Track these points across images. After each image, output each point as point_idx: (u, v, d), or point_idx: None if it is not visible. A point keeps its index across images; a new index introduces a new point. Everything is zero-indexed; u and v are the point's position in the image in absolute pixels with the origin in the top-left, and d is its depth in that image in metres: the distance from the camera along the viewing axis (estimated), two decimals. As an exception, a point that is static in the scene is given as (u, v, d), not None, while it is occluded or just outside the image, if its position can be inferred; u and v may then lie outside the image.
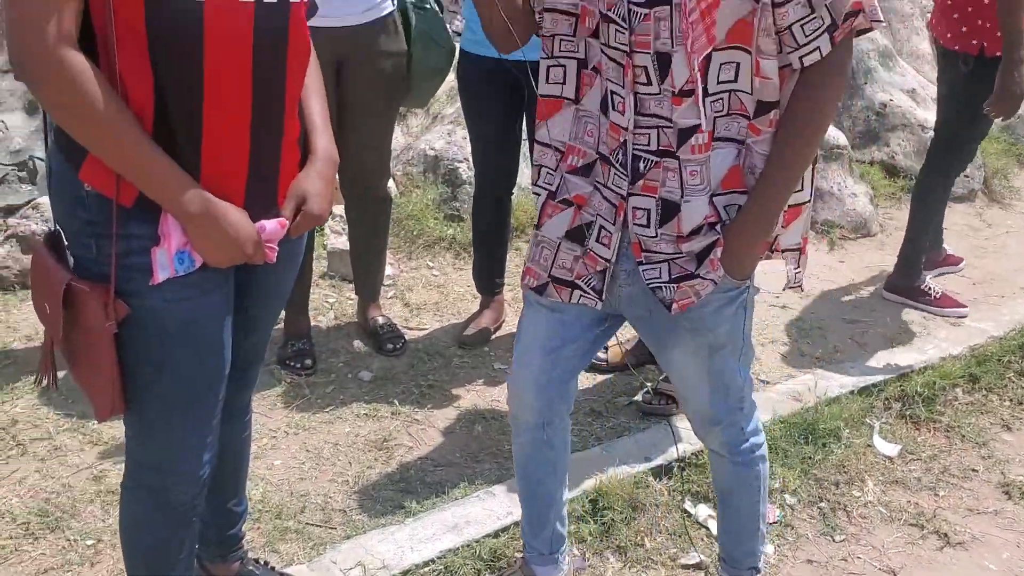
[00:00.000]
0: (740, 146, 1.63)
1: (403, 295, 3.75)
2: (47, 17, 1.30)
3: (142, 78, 1.41)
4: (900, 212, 4.78)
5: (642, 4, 1.56)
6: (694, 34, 1.50)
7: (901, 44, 5.76)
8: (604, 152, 1.71)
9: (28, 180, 4.30)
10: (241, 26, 1.44)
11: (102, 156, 1.40)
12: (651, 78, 1.59)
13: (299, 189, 1.65)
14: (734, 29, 1.54)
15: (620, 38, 1.60)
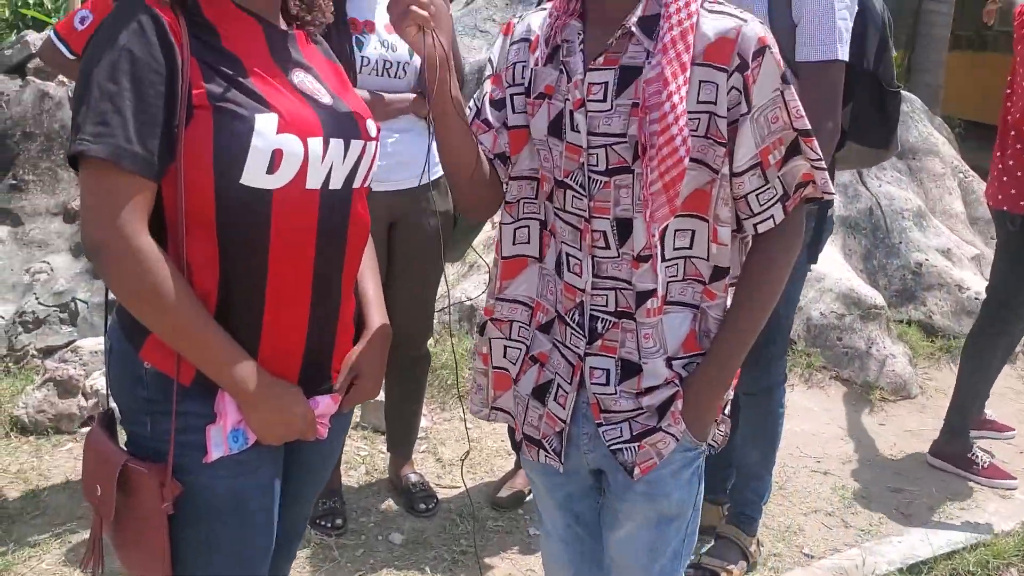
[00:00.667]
0: (695, 311, 1.65)
1: (436, 449, 3.70)
2: (121, 206, 1.35)
3: (208, 264, 1.45)
4: (940, 373, 4.72)
5: (602, 172, 1.58)
6: (655, 204, 1.52)
7: (934, 203, 5.81)
8: (560, 311, 1.70)
9: (69, 322, 4.36)
10: (307, 214, 1.50)
11: (165, 338, 1.43)
12: (610, 242, 1.61)
13: (353, 363, 1.67)
14: (691, 197, 1.57)
15: (578, 204, 1.62)
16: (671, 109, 1.48)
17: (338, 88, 1.62)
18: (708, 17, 1.54)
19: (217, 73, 1.42)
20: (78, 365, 3.89)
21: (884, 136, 2.74)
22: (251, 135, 1.39)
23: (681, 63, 1.49)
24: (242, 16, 1.51)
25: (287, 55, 1.55)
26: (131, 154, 1.35)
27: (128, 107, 1.35)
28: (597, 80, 1.57)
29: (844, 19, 2.48)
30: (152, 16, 1.39)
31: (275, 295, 1.49)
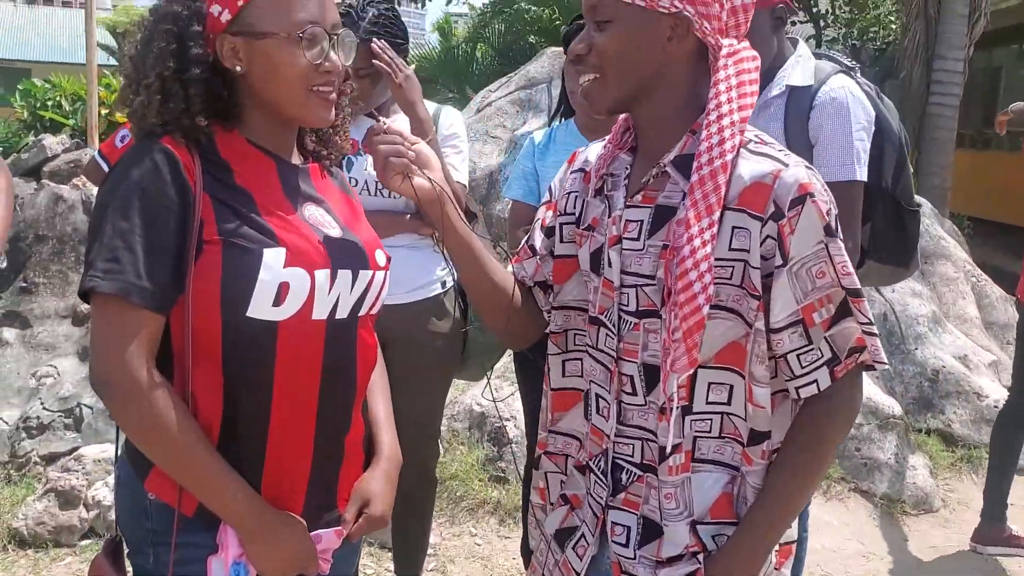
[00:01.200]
0: (734, 472, 1.50)
1: (445, 567, 3.58)
2: (128, 341, 1.38)
3: (213, 394, 1.45)
4: (962, 485, 4.60)
5: (633, 313, 1.51)
6: (675, 353, 1.41)
7: (947, 307, 5.77)
8: (584, 459, 1.62)
9: (73, 427, 4.29)
10: (312, 343, 1.50)
11: (169, 471, 1.44)
12: (636, 388, 1.52)
13: (363, 491, 1.65)
14: (726, 350, 1.46)
15: (609, 343, 1.55)
16: (690, 253, 1.38)
17: (349, 219, 1.63)
18: (748, 159, 1.44)
19: (229, 209, 1.45)
20: (80, 475, 3.80)
21: (904, 255, 2.71)
22: (258, 269, 1.42)
23: (708, 205, 1.39)
24: (256, 154, 1.54)
25: (299, 190, 1.57)
26: (140, 289, 1.38)
27: (139, 243, 1.38)
28: (634, 217, 1.51)
29: (861, 140, 2.48)
30: (167, 155, 1.43)
31: (279, 425, 1.49)
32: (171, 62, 1.44)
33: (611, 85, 1.50)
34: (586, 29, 1.53)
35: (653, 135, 1.52)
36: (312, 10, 1.48)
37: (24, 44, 30.97)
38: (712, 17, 1.44)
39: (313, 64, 1.48)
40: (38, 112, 7.61)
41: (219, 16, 1.46)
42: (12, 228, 5.09)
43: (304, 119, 1.54)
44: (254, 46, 1.46)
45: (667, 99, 1.50)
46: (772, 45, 2.56)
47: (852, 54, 13.94)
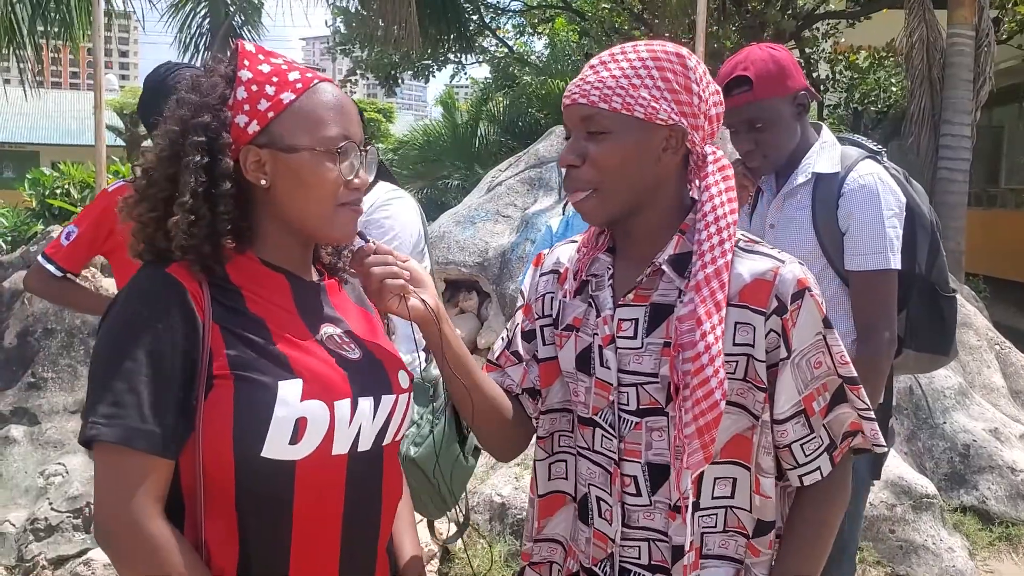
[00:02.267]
0: (739, 566, 1.51)
1: (470, 672, 3.42)
2: (133, 490, 1.28)
3: (228, 540, 1.35)
4: (1001, 565, 4.43)
5: (633, 412, 1.50)
6: (689, 449, 1.42)
7: (972, 377, 5.64)
8: (587, 564, 1.58)
9: (83, 528, 4.17)
10: (333, 482, 1.41)
11: None
12: (641, 489, 1.50)
13: None
14: (731, 443, 1.48)
15: (607, 444, 1.53)
16: (705, 349, 1.40)
17: (369, 338, 1.54)
18: (744, 258, 1.49)
19: (240, 339, 1.36)
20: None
21: (942, 341, 2.62)
22: (273, 404, 1.32)
23: (716, 302, 1.43)
24: (270, 275, 1.45)
25: (316, 310, 1.49)
26: (145, 434, 1.28)
27: (144, 383, 1.29)
28: (627, 316, 1.52)
29: (894, 227, 2.41)
30: (173, 285, 1.35)
31: (299, 570, 1.38)
32: (203, 177, 1.37)
33: (609, 200, 1.50)
34: (574, 139, 1.52)
35: (642, 238, 1.54)
36: (344, 125, 1.43)
37: (33, 128, 31.33)
38: (699, 128, 1.50)
39: (344, 179, 1.42)
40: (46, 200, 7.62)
41: (245, 127, 1.39)
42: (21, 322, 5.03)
43: (330, 235, 1.47)
44: (282, 159, 1.39)
45: (658, 206, 1.53)
46: (795, 132, 2.51)
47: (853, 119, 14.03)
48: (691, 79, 1.48)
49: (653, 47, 1.49)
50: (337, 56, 16.13)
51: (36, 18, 8.23)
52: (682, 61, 1.48)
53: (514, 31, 18.75)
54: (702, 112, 1.49)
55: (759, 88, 2.42)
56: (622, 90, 1.46)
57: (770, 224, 2.58)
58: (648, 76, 1.46)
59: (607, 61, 1.50)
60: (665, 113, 1.45)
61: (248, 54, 1.44)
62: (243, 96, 1.40)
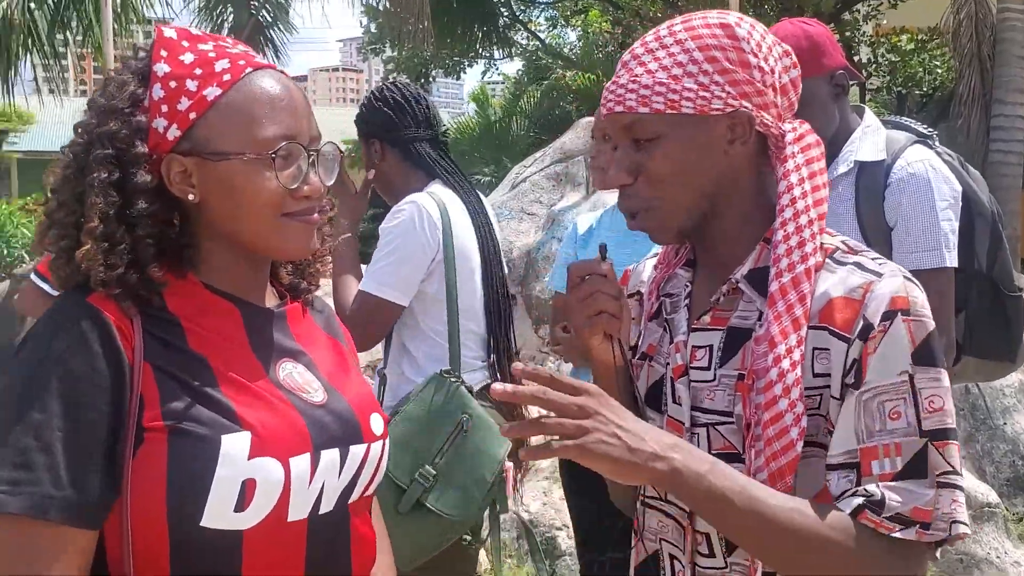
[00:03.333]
0: None
1: None
2: (47, 568, 1.06)
3: None
4: (1072, 579, 4.10)
5: None
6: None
7: (1034, 373, 5.30)
8: None
9: None
10: (290, 552, 1.17)
11: None
12: (715, 549, 1.26)
13: None
14: (822, 495, 1.20)
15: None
16: (779, 377, 1.16)
17: (336, 375, 1.31)
18: (836, 270, 1.23)
19: (177, 382, 1.13)
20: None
21: (1007, 346, 2.33)
22: (215, 463, 1.10)
23: (793, 319, 1.18)
24: (218, 303, 1.22)
25: (272, 343, 1.25)
26: (60, 502, 1.06)
27: (57, 439, 1.06)
28: (701, 343, 1.29)
29: (948, 220, 2.14)
30: (94, 318, 1.11)
31: None
32: (113, 196, 1.13)
33: (673, 214, 1.27)
34: (621, 151, 1.27)
35: (720, 248, 1.31)
36: (285, 122, 1.18)
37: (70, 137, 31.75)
38: (770, 105, 1.25)
39: (288, 189, 1.17)
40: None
41: (165, 132, 1.16)
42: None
43: (279, 250, 1.23)
44: (210, 168, 1.16)
45: (737, 208, 1.29)
46: (833, 116, 2.24)
47: (898, 102, 13.59)
48: (745, 51, 1.23)
49: (692, 24, 1.25)
50: (368, 56, 16.01)
51: (55, 23, 8.17)
52: (729, 32, 1.23)
53: (546, 24, 18.51)
54: (768, 85, 1.24)
55: None
56: (662, 86, 1.22)
57: None
58: (691, 61, 1.22)
59: (640, 55, 1.26)
60: (720, 100, 1.22)
61: (167, 42, 1.19)
62: (160, 95, 1.16)
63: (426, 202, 2.37)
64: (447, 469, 2.16)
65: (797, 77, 1.30)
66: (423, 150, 2.48)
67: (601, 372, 1.32)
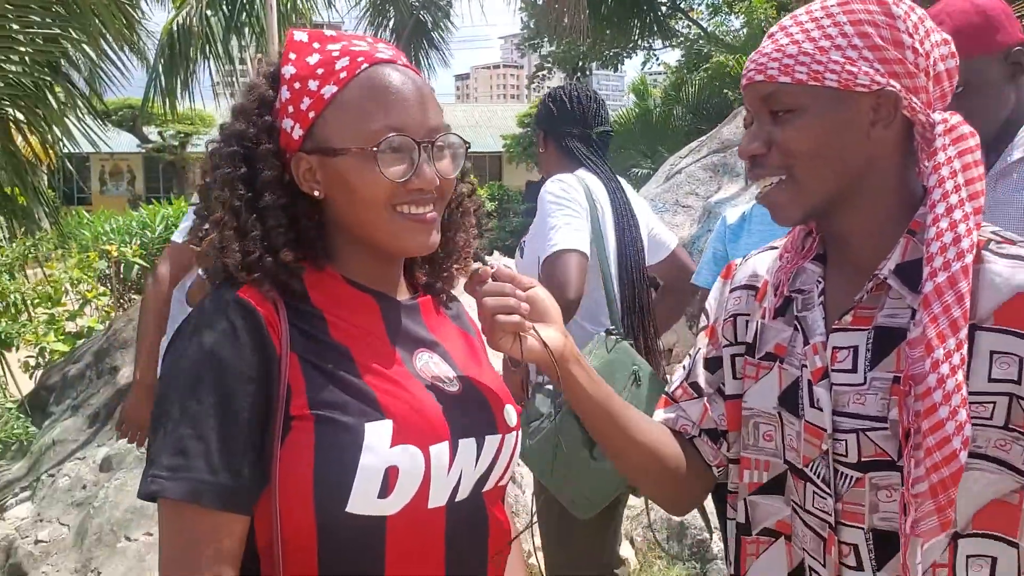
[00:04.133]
0: None
1: None
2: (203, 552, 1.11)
3: None
4: None
5: (853, 466, 1.21)
6: (919, 512, 1.11)
7: None
8: None
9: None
10: (431, 538, 1.21)
11: None
12: (863, 562, 1.20)
13: None
14: (987, 511, 1.15)
15: (820, 504, 1.25)
16: (938, 383, 1.09)
17: (469, 366, 1.34)
18: (996, 263, 1.17)
19: (322, 372, 1.18)
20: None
21: None
22: (359, 452, 1.14)
23: (951, 320, 1.11)
24: (354, 294, 1.26)
25: (410, 334, 1.29)
26: (215, 488, 1.11)
27: (212, 428, 1.12)
28: (843, 344, 1.23)
29: None
30: (245, 311, 1.16)
31: None
32: (241, 189, 1.19)
33: (805, 190, 1.23)
34: (757, 124, 1.23)
35: (858, 242, 1.25)
36: (396, 116, 1.19)
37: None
38: (920, 90, 1.20)
39: (397, 184, 1.18)
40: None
41: (291, 132, 1.21)
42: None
43: (394, 247, 1.24)
44: (329, 166, 1.20)
45: (875, 197, 1.23)
46: (1008, 98, 2.05)
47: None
48: (900, 30, 1.18)
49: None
50: (527, 52, 16.14)
51: (230, 29, 8.64)
52: (885, 9, 1.19)
53: (708, 12, 18.13)
54: (921, 69, 1.19)
55: (959, 44, 1.96)
56: (807, 56, 1.19)
57: None
58: (840, 34, 1.19)
59: (788, 26, 1.23)
60: (867, 77, 1.17)
61: (296, 45, 1.24)
62: (287, 96, 1.22)
63: (568, 177, 2.65)
64: None
65: (955, 68, 1.24)
66: (573, 144, 2.76)
67: (541, 369, 1.30)
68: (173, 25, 8.91)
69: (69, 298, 7.36)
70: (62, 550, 4.48)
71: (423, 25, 12.09)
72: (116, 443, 4.92)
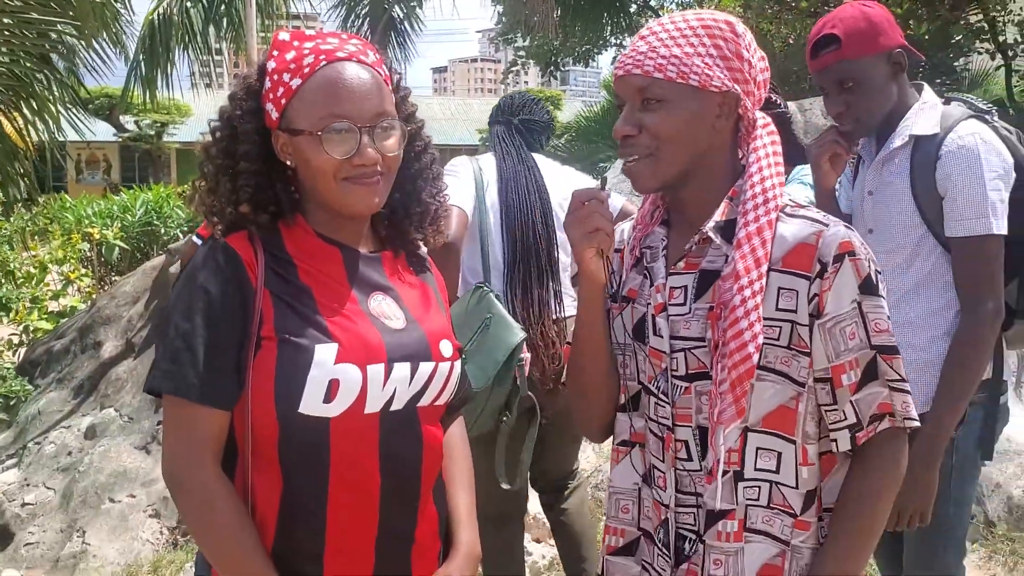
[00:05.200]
0: (783, 547, 1.51)
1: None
2: (191, 438, 1.45)
3: (271, 490, 1.48)
4: None
5: (683, 377, 1.53)
6: (722, 404, 1.45)
7: None
8: (648, 528, 1.62)
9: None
10: (367, 439, 1.50)
11: (219, 568, 1.48)
12: (692, 453, 1.53)
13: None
14: (774, 414, 1.49)
15: (661, 411, 1.58)
16: (741, 303, 1.44)
17: (418, 309, 1.62)
18: (788, 222, 1.51)
19: (287, 306, 1.48)
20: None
21: (1061, 312, 2.41)
22: (309, 365, 1.44)
23: (756, 258, 1.46)
24: (322, 246, 1.56)
25: (367, 279, 1.58)
26: (199, 387, 1.43)
27: (200, 343, 1.44)
28: (677, 284, 1.56)
29: (997, 190, 2.24)
30: (230, 255, 1.48)
31: (338, 520, 1.49)
32: (219, 159, 1.52)
33: (664, 165, 1.52)
34: (628, 109, 1.55)
35: (693, 207, 1.57)
36: (341, 105, 1.47)
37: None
38: (751, 94, 1.53)
39: (341, 161, 1.48)
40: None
41: (272, 114, 1.51)
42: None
43: (343, 209, 1.54)
44: (294, 143, 1.50)
45: (711, 173, 1.56)
46: (890, 93, 2.37)
47: (1050, 82, 12.87)
48: (741, 45, 1.51)
49: (702, 16, 1.53)
50: (502, 46, 16.31)
51: (209, 20, 8.84)
52: (732, 28, 1.51)
53: (678, 10, 18.39)
54: (752, 78, 1.52)
55: (848, 46, 2.31)
56: (676, 59, 1.49)
57: (868, 191, 2.46)
58: (700, 44, 1.50)
59: (658, 31, 1.53)
60: (719, 80, 1.49)
61: (281, 44, 1.54)
62: (268, 86, 1.51)
63: (458, 159, 3.09)
64: (473, 353, 2.70)
65: (767, 80, 1.57)
66: (496, 130, 3.19)
67: (586, 286, 1.58)
68: (154, 16, 9.10)
69: (52, 278, 7.58)
70: (48, 512, 4.71)
71: (393, 20, 12.26)
72: (100, 412, 5.17)
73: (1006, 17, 12.88)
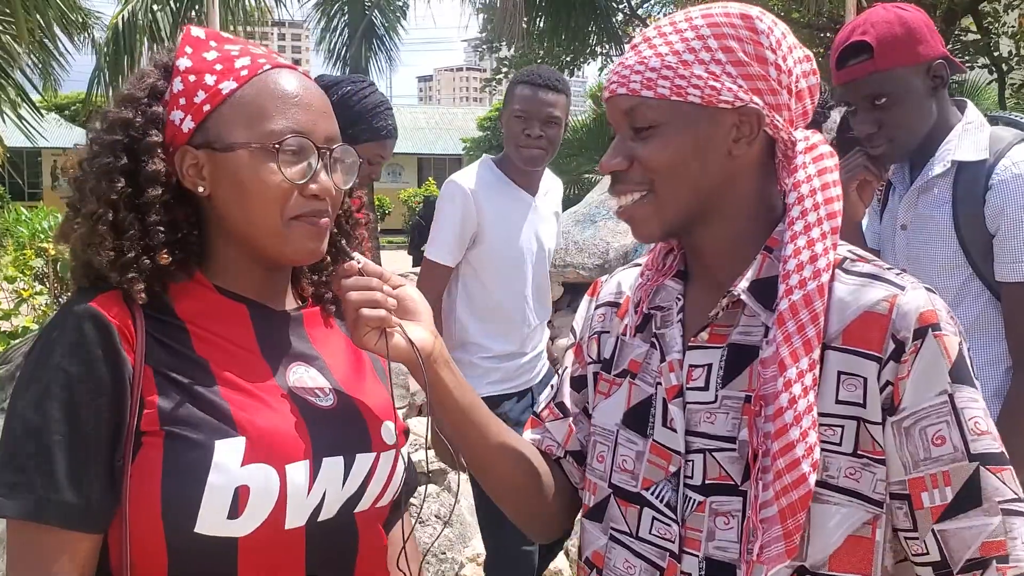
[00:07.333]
0: None
1: None
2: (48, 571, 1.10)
3: None
4: None
5: (697, 488, 1.16)
6: (766, 537, 1.08)
7: None
8: None
9: None
10: (289, 559, 1.17)
11: None
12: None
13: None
14: (844, 549, 1.10)
15: (662, 530, 1.18)
16: (789, 404, 1.07)
17: (351, 381, 1.29)
18: (846, 281, 1.14)
19: (177, 387, 1.14)
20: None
21: None
22: (207, 470, 1.10)
23: (805, 339, 1.09)
24: (228, 305, 1.23)
25: (284, 346, 1.25)
26: (57, 506, 1.08)
27: (56, 443, 1.09)
28: (699, 361, 1.19)
29: (1059, 227, 1.93)
30: (97, 323, 1.13)
31: None
32: (120, 182, 1.15)
33: (665, 206, 1.18)
34: (619, 139, 1.19)
35: (716, 258, 1.22)
36: (295, 118, 1.18)
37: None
38: (782, 107, 1.17)
39: (295, 185, 1.16)
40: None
41: (180, 124, 1.18)
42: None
43: (283, 253, 1.21)
44: (219, 161, 1.17)
45: (735, 214, 1.20)
46: (930, 111, 2.06)
47: (1043, 96, 12.79)
48: (764, 45, 1.14)
49: (710, 11, 1.17)
50: (486, 55, 16.12)
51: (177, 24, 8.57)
52: (749, 24, 1.15)
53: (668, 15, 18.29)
54: (784, 86, 1.15)
55: (881, 56, 2.00)
56: (669, 70, 1.14)
57: (901, 225, 2.16)
58: (703, 48, 1.14)
59: (651, 37, 1.18)
60: (730, 93, 1.13)
61: (193, 40, 1.22)
62: (179, 88, 1.19)
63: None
64: None
65: (816, 85, 1.21)
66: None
67: (411, 368, 1.23)
68: (119, 20, 8.81)
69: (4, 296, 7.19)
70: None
71: (374, 29, 12.10)
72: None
73: (1000, 28, 12.82)
